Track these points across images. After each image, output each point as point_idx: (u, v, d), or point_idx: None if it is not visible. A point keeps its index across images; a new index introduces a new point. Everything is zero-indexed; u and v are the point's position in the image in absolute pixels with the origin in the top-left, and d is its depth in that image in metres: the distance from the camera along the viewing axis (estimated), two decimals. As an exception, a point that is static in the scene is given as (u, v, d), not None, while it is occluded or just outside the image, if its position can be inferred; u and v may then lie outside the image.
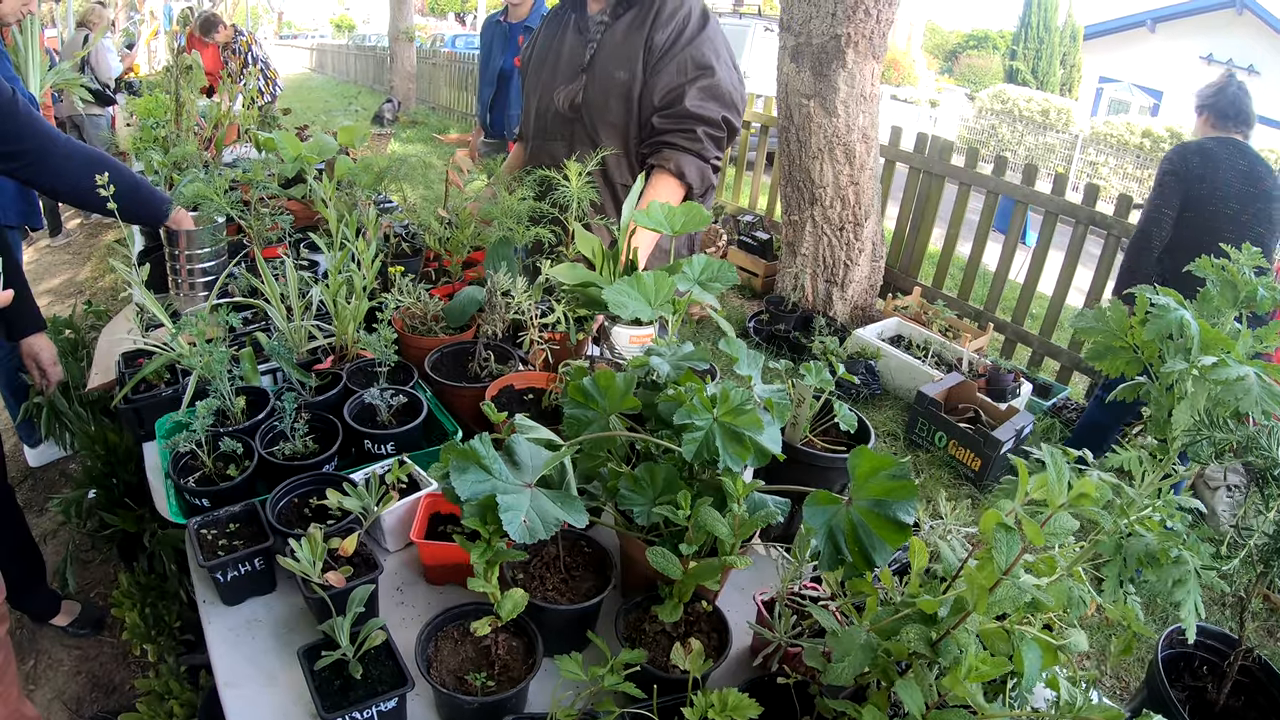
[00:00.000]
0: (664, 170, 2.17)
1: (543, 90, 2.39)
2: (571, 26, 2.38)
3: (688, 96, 2.16)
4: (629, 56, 2.22)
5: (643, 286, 1.43)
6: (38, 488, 3.79)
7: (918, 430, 4.40)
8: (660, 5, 2.23)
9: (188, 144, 3.43)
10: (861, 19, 4.84)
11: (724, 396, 1.16)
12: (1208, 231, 3.49)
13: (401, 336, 1.79)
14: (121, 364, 1.95)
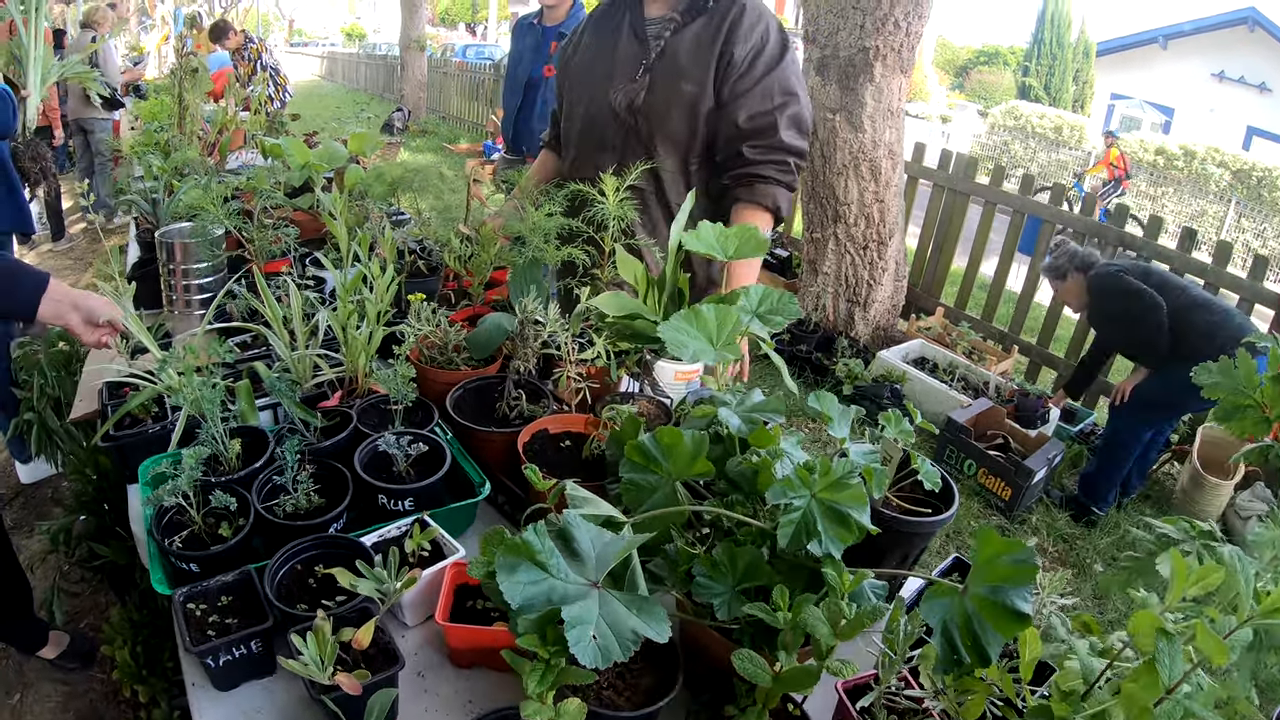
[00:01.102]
0: (757, 205, 2.03)
1: (593, 93, 2.18)
2: (626, 29, 2.17)
3: (781, 127, 2.01)
4: (699, 68, 2.04)
5: (702, 322, 1.24)
6: (28, 506, 3.63)
7: (946, 458, 4.22)
8: (738, 16, 2.04)
9: (189, 149, 3.26)
10: (891, 31, 4.67)
11: (824, 469, 0.97)
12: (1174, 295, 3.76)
13: (419, 369, 1.59)
14: (105, 394, 1.77)
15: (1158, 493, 4.44)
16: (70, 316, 1.69)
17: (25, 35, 3.25)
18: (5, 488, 3.71)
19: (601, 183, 1.75)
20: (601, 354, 1.42)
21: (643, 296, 1.47)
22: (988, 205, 5.57)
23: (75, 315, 1.69)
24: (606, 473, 1.30)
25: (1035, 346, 5.37)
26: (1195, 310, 3.73)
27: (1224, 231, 15.23)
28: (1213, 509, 4.18)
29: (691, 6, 2.08)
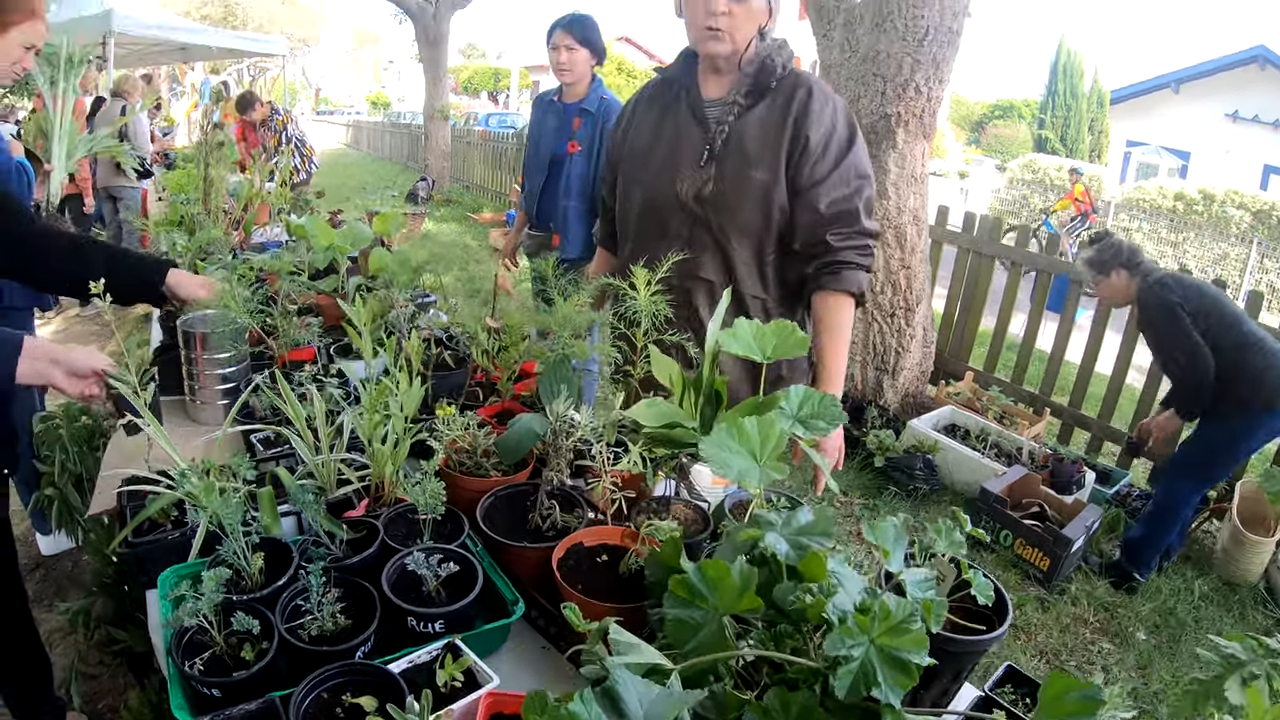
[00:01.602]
0: (844, 292, 2.01)
1: (653, 182, 2.14)
2: (684, 111, 2.12)
3: (861, 213, 1.99)
4: (769, 154, 2.00)
5: (744, 437, 1.18)
6: (48, 578, 3.59)
7: (981, 529, 4.09)
8: (806, 99, 2.00)
9: (213, 228, 3.26)
10: (912, 97, 4.67)
11: (883, 613, 0.90)
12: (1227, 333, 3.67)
13: (447, 477, 1.54)
14: (125, 497, 1.72)
15: (1197, 552, 4.32)
16: (52, 373, 1.66)
17: (52, 108, 3.24)
18: (26, 558, 3.69)
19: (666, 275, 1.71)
20: (637, 462, 1.36)
21: (678, 399, 1.42)
22: (1014, 266, 5.51)
23: (57, 371, 1.66)
24: (646, 593, 1.24)
25: (1067, 408, 5.28)
26: (1246, 351, 3.64)
27: (1247, 273, 15.12)
28: (1255, 567, 4.07)
29: (755, 88, 2.04)
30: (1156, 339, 3.84)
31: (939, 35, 4.55)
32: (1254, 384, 3.61)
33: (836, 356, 2.01)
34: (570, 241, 3.97)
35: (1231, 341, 3.63)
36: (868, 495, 4.45)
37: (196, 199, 3.99)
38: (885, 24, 4.58)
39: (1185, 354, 3.64)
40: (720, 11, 1.93)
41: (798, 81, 2.04)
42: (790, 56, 2.08)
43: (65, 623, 3.12)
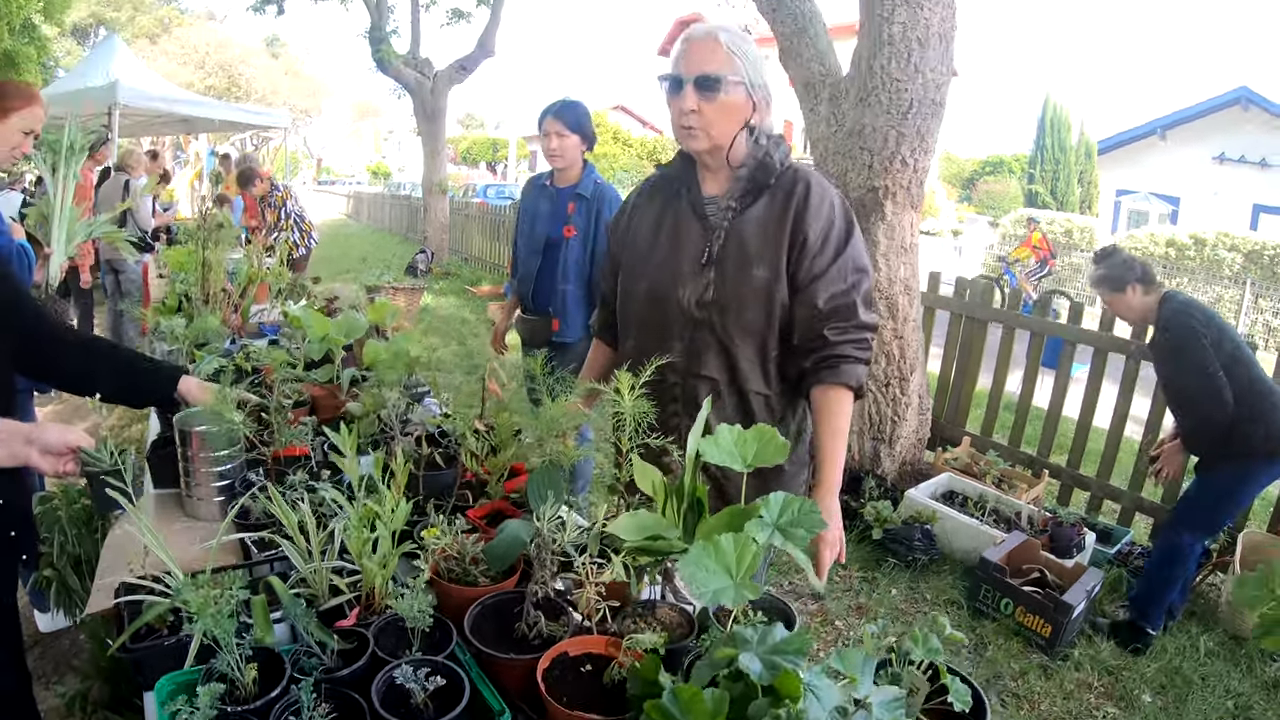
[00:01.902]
0: (842, 386, 2.02)
1: (654, 281, 2.16)
2: (685, 208, 2.15)
3: (859, 307, 2.02)
4: (770, 251, 2.03)
5: (720, 554, 1.21)
6: (46, 655, 3.59)
7: (982, 598, 4.11)
8: (804, 195, 2.03)
9: (210, 316, 3.32)
10: (899, 169, 4.76)
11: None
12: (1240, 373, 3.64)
13: (436, 584, 1.57)
14: (124, 606, 1.74)
15: (1202, 607, 4.31)
16: (27, 453, 1.69)
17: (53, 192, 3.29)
18: (24, 635, 3.69)
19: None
20: (621, 574, 1.39)
21: (660, 507, 1.45)
22: (1006, 330, 5.57)
23: (31, 450, 1.69)
24: (629, 705, 1.26)
25: (1065, 468, 5.30)
26: (1257, 395, 3.63)
27: (1242, 313, 15.21)
28: (1260, 620, 4.04)
29: (752, 186, 2.07)
30: (1174, 366, 3.79)
31: (923, 108, 4.65)
32: (1264, 430, 3.60)
33: (835, 450, 2.01)
34: (569, 326, 4.00)
35: (1243, 384, 3.60)
36: (866, 568, 4.44)
37: (195, 280, 4.04)
38: (869, 98, 4.69)
39: (1204, 387, 3.60)
40: (690, 109, 1.98)
41: (796, 177, 2.07)
42: (787, 152, 2.11)
43: (61, 705, 3.12)
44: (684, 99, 1.98)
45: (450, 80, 15.08)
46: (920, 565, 4.42)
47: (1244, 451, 3.67)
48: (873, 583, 4.32)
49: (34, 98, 3.03)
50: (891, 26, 4.55)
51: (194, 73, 35.30)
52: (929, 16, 4.52)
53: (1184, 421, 3.88)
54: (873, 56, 4.64)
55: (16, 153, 3.07)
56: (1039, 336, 5.47)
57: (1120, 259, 3.93)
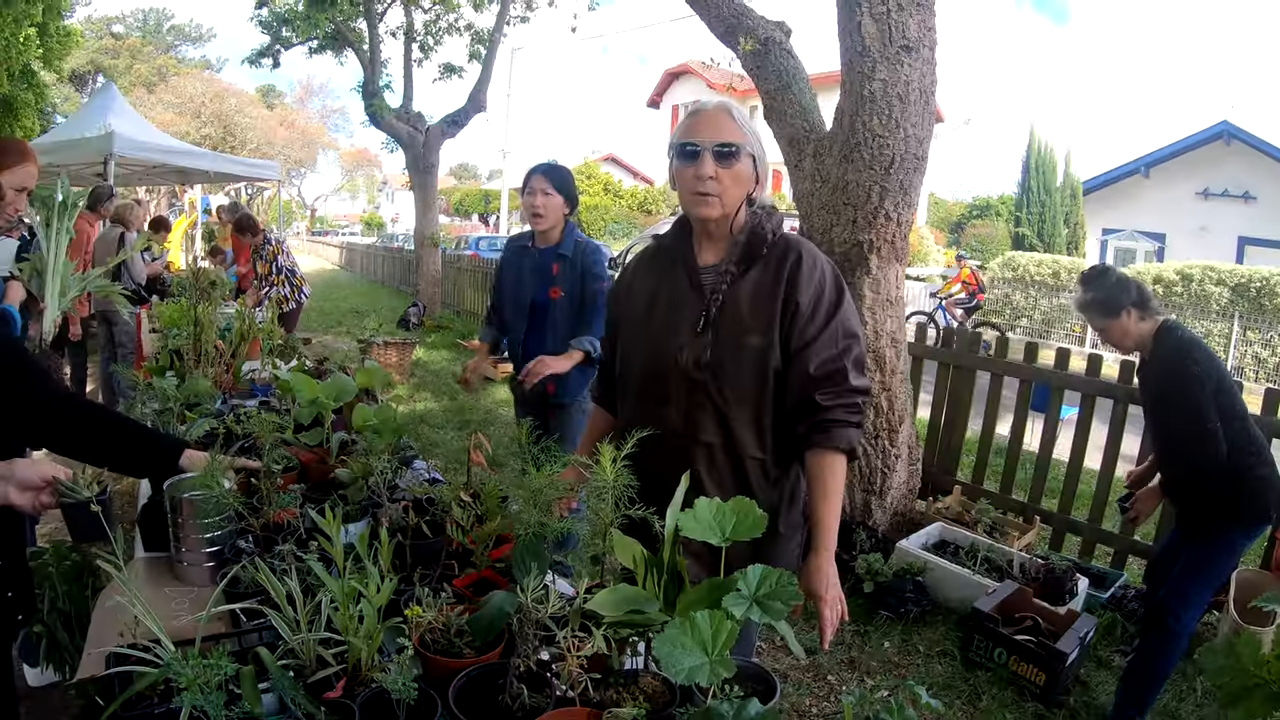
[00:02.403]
0: (834, 450, 2.05)
1: (653, 347, 2.21)
2: (681, 278, 2.21)
3: (850, 372, 2.06)
4: (763, 319, 2.08)
5: (696, 631, 1.24)
6: (34, 711, 3.54)
7: (975, 648, 4.11)
8: (796, 263, 2.09)
9: (201, 380, 3.34)
10: (883, 224, 4.83)
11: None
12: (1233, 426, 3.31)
13: (421, 656, 1.59)
14: (111, 661, 1.75)
15: (1195, 645, 4.28)
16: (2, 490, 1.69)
17: (46, 247, 3.31)
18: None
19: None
20: (602, 647, 1.42)
21: (641, 580, 1.48)
22: (994, 377, 5.62)
23: (9, 488, 1.70)
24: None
25: (1056, 514, 5.32)
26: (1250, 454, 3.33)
27: (1231, 346, 15.30)
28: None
29: (746, 255, 2.12)
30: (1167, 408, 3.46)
31: (905, 163, 4.72)
32: (1256, 494, 3.31)
33: (829, 513, 2.05)
34: (565, 387, 3.97)
35: (1235, 440, 3.27)
36: (859, 620, 4.44)
37: (187, 337, 4.07)
38: (853, 155, 4.76)
39: (1198, 436, 3.24)
40: (708, 176, 2.04)
41: (788, 246, 2.12)
42: (780, 223, 2.17)
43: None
44: (702, 165, 2.05)
45: (442, 134, 15.27)
46: (913, 617, 4.42)
47: (1230, 517, 3.37)
48: (865, 636, 4.32)
49: (27, 154, 3.07)
50: (872, 84, 4.64)
51: (190, 122, 35.61)
52: (909, 74, 4.61)
53: (1170, 469, 3.58)
54: (855, 113, 4.73)
55: (10, 209, 3.11)
56: (1027, 383, 5.51)
57: (1112, 280, 3.56)
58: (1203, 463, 3.26)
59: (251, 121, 39.68)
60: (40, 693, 3.61)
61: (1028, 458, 5.75)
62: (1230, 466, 3.25)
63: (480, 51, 16.02)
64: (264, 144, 38.47)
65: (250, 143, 37.56)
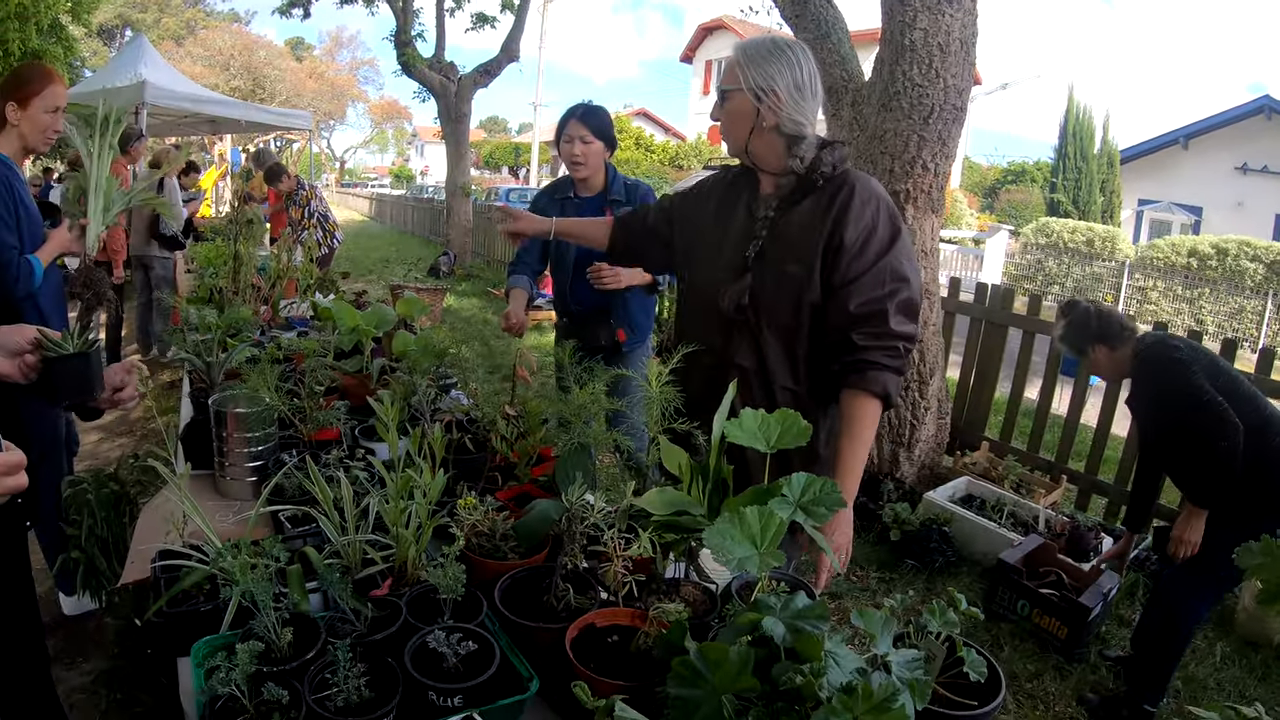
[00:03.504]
0: (868, 393, 2.00)
1: (703, 269, 2.24)
2: (742, 206, 2.21)
3: (891, 315, 1.99)
4: (805, 249, 2.06)
5: (745, 525, 1.26)
6: (71, 637, 3.64)
7: (998, 599, 4.12)
8: (848, 198, 2.04)
9: (243, 308, 3.39)
10: (920, 174, 4.79)
11: (865, 692, 0.97)
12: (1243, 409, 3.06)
13: (467, 559, 1.62)
14: (158, 569, 1.79)
15: (1217, 613, 4.24)
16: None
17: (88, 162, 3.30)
18: (49, 618, 3.74)
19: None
20: (647, 548, 1.44)
21: (686, 486, 1.50)
22: (1026, 334, 5.58)
23: None
24: (655, 671, 1.31)
25: (1083, 474, 5.29)
26: (1268, 435, 3.06)
27: (1265, 323, 15.11)
28: (1277, 626, 4.01)
29: (800, 185, 2.10)
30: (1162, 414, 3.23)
31: (944, 113, 4.68)
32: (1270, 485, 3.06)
33: (853, 457, 2.01)
34: (638, 329, 3.79)
35: (1249, 421, 3.02)
36: (884, 569, 4.47)
37: (226, 274, 4.12)
38: (891, 103, 4.73)
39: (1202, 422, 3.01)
40: (715, 119, 2.20)
41: (844, 181, 2.08)
42: (841, 157, 2.12)
43: (86, 683, 3.18)
44: (715, 110, 2.18)
45: (474, 84, 15.21)
46: (937, 567, 4.44)
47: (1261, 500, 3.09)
48: (890, 584, 4.34)
49: (51, 76, 3.09)
50: (913, 32, 4.59)
51: (219, 75, 35.55)
52: (950, 23, 4.56)
53: (1188, 481, 3.31)
54: (895, 62, 4.68)
55: (49, 134, 3.14)
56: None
57: (1074, 317, 3.44)
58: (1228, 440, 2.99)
59: (280, 74, 39.59)
60: (74, 621, 3.72)
61: (1055, 420, 5.71)
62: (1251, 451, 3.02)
63: (514, 1, 15.89)
64: (293, 96, 38.40)
65: (279, 95, 37.49)
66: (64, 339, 1.77)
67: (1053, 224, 19.94)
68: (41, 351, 1.71)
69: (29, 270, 2.99)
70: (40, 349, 1.71)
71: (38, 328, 1.72)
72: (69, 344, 1.76)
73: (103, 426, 6.38)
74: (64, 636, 3.65)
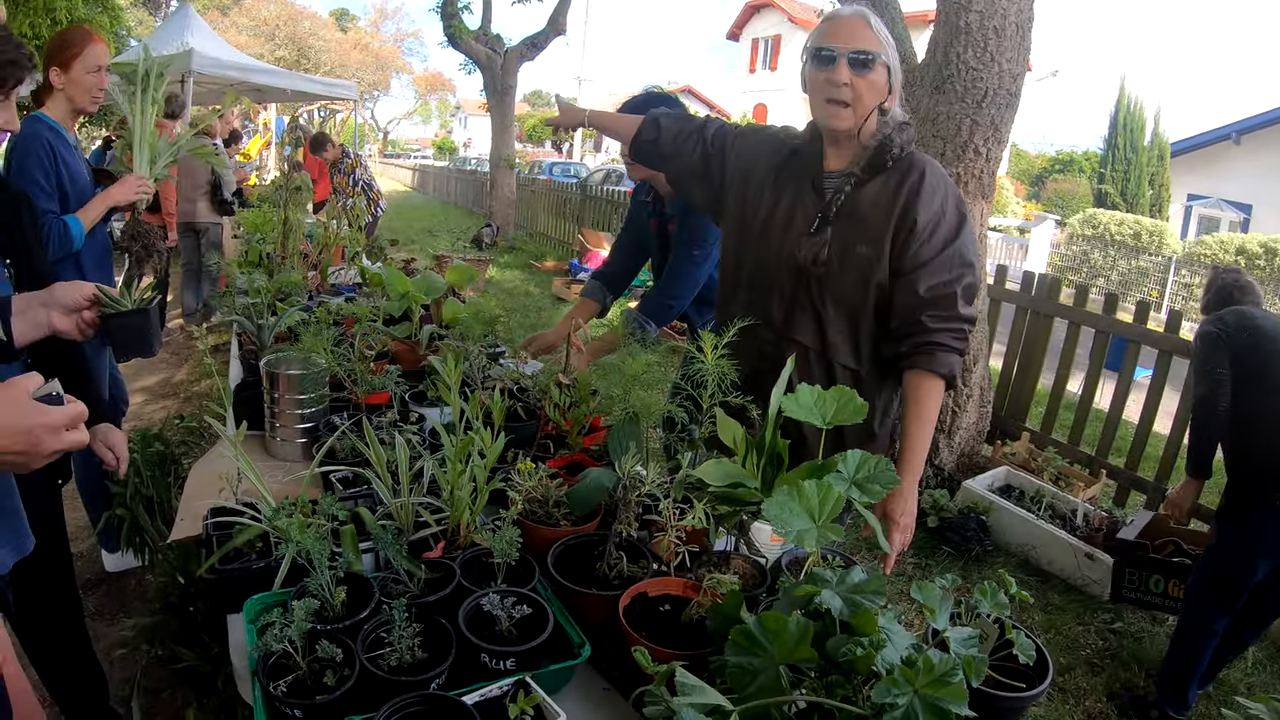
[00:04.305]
0: (935, 373, 2.02)
1: (767, 242, 2.20)
2: (805, 179, 2.18)
3: (959, 299, 2.02)
4: (876, 230, 2.06)
5: (805, 499, 1.26)
6: (112, 594, 3.73)
7: (1128, 583, 3.97)
8: (918, 181, 2.04)
9: (293, 272, 3.41)
10: (971, 159, 4.73)
11: (927, 666, 0.97)
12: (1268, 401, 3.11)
13: (520, 525, 1.63)
14: (210, 525, 1.82)
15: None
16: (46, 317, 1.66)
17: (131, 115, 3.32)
18: (90, 574, 3.82)
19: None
20: (701, 519, 1.45)
21: (741, 459, 1.50)
22: (1072, 325, 5.51)
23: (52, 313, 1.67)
24: (707, 641, 1.32)
25: (1123, 470, 5.23)
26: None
27: (1313, 326, 14.82)
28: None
29: (872, 163, 2.08)
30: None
31: (997, 97, 4.62)
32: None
33: (920, 436, 2.03)
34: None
35: (1273, 412, 3.10)
36: (921, 555, 4.45)
37: (274, 240, 4.15)
38: (945, 86, 4.67)
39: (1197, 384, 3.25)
40: (843, 83, 2.01)
41: (913, 163, 2.08)
42: (910, 139, 2.11)
43: (126, 638, 3.24)
44: (837, 72, 2.01)
45: (521, 57, 15.19)
46: (974, 555, 4.42)
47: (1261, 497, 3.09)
48: (925, 570, 4.33)
49: (90, 36, 3.12)
50: (969, 15, 4.52)
51: (264, 45, 35.76)
52: (1006, 6, 4.49)
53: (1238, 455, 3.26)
54: (949, 44, 4.62)
55: (95, 93, 3.17)
56: (1103, 336, 5.40)
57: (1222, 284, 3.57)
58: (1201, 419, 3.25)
59: (325, 44, 39.76)
60: (116, 578, 3.79)
61: (1097, 414, 5.64)
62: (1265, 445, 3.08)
63: (561, -24, 15.84)
64: (338, 67, 38.57)
65: (324, 65, 37.67)
66: (122, 295, 1.78)
67: (1100, 215, 19.62)
68: (99, 308, 1.72)
69: (63, 230, 3.03)
70: (98, 305, 1.72)
71: (96, 284, 1.73)
72: (127, 301, 1.78)
73: (148, 389, 6.49)
74: (105, 593, 3.72)
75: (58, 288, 1.69)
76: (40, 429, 1.18)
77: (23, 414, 1.17)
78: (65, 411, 1.22)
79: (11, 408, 1.17)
